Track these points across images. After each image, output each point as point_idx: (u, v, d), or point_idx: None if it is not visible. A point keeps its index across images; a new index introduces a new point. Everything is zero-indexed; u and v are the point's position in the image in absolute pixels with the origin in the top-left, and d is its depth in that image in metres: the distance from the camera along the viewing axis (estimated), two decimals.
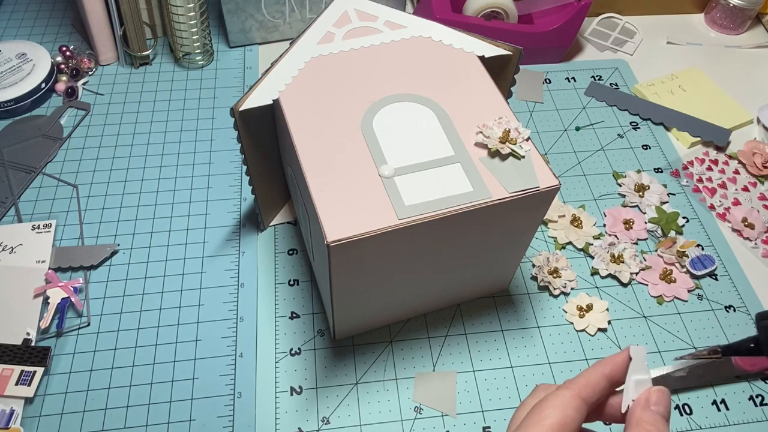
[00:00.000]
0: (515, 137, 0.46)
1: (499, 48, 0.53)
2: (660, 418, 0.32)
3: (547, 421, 0.32)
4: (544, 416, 0.32)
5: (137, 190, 0.66)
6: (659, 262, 0.62)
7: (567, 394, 0.33)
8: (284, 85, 0.49)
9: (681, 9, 0.89)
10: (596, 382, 0.34)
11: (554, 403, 0.33)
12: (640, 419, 0.32)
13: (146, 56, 0.78)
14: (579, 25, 0.77)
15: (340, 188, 0.44)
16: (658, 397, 0.33)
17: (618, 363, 0.34)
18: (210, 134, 0.72)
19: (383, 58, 0.52)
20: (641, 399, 0.33)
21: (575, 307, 0.59)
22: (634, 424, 0.32)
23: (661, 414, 0.32)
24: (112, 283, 0.59)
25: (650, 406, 0.32)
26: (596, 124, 0.75)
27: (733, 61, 0.83)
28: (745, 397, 0.54)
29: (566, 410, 0.32)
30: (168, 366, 0.54)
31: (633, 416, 0.32)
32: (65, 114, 0.73)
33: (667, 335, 0.58)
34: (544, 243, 0.63)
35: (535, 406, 0.33)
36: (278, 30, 0.81)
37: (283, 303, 0.58)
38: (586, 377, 0.34)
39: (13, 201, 0.65)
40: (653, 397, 0.33)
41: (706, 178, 0.70)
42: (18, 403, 0.51)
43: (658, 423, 0.32)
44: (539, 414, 0.32)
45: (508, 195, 0.44)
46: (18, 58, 0.74)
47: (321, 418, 0.52)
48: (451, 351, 0.56)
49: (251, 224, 0.64)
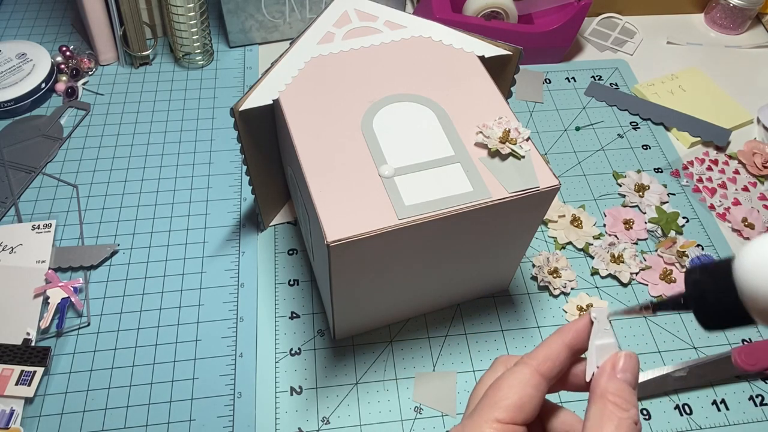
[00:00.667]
0: (515, 137, 0.46)
1: (499, 48, 0.53)
2: (626, 387, 0.29)
3: (503, 403, 0.30)
4: (501, 397, 0.30)
5: (137, 190, 0.66)
6: (659, 262, 0.62)
7: (525, 371, 0.31)
8: (284, 85, 0.49)
9: (681, 9, 0.89)
10: (556, 354, 0.31)
11: (511, 381, 0.31)
12: (604, 390, 0.29)
13: (146, 56, 0.78)
14: (579, 25, 0.77)
15: (340, 188, 0.44)
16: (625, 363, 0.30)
17: (579, 329, 0.32)
18: (210, 134, 0.72)
19: (383, 58, 0.52)
20: (606, 366, 0.30)
21: (575, 307, 0.59)
22: (598, 396, 0.29)
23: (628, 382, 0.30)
24: (112, 283, 0.59)
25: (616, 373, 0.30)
26: (596, 124, 0.75)
27: (733, 61, 0.83)
28: (745, 397, 0.54)
29: (525, 389, 0.30)
30: (168, 366, 0.54)
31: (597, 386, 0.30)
32: (65, 114, 0.73)
33: (667, 335, 0.58)
34: (544, 243, 0.63)
35: (492, 385, 0.31)
36: (278, 30, 0.81)
37: (283, 303, 0.58)
38: (546, 350, 0.31)
39: (13, 201, 0.65)
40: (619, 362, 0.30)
41: (706, 178, 0.70)
42: (18, 403, 0.51)
43: (624, 392, 0.29)
44: (496, 394, 0.30)
45: (508, 195, 0.44)
46: (18, 58, 0.74)
47: (321, 418, 0.52)
48: (451, 351, 0.56)
49: (251, 224, 0.64)
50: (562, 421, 0.33)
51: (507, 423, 0.30)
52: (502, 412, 0.30)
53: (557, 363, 0.31)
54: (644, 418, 0.53)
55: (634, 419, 0.29)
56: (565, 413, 0.34)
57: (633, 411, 0.29)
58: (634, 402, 0.29)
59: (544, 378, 0.31)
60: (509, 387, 0.30)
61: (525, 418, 0.30)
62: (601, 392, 0.29)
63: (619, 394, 0.29)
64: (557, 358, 0.31)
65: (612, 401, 0.29)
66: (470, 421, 0.31)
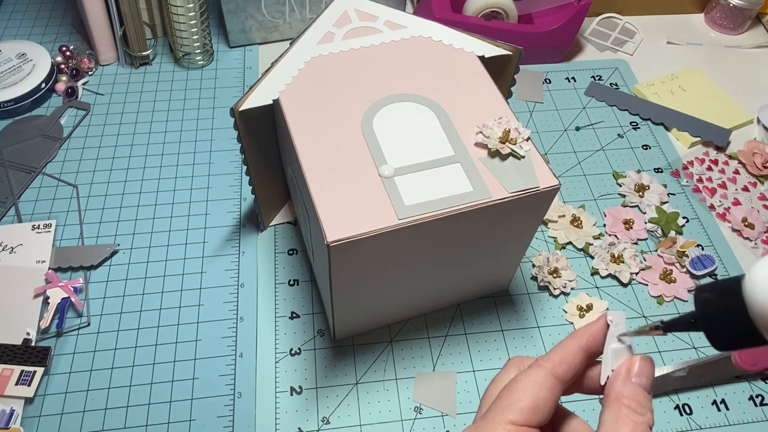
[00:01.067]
0: (515, 137, 0.46)
1: (499, 48, 0.53)
2: (641, 392, 0.29)
3: (518, 405, 0.29)
4: (516, 399, 0.30)
5: (137, 190, 0.66)
6: (659, 262, 0.62)
7: (540, 373, 0.30)
8: (284, 85, 0.49)
9: (681, 9, 0.89)
10: (572, 357, 0.31)
11: (526, 383, 0.30)
12: (619, 394, 0.29)
13: (146, 56, 0.78)
14: (579, 25, 0.77)
15: (340, 188, 0.44)
16: (640, 367, 0.30)
17: (594, 333, 0.31)
18: (210, 134, 0.72)
19: (383, 58, 0.52)
20: (621, 370, 0.30)
21: (575, 307, 0.59)
22: (613, 400, 0.29)
23: (642, 386, 0.29)
24: (112, 283, 0.59)
25: (631, 377, 0.29)
26: (596, 124, 0.75)
27: (733, 61, 0.83)
28: (745, 397, 0.54)
29: (539, 392, 0.30)
30: (168, 366, 0.54)
31: (612, 390, 0.29)
32: (65, 114, 0.73)
33: (668, 335, 0.58)
34: (544, 243, 0.63)
35: (506, 387, 0.31)
36: (278, 30, 0.81)
37: (283, 303, 0.58)
38: (561, 352, 0.31)
39: (13, 201, 0.65)
40: (635, 366, 0.30)
41: (706, 178, 0.70)
42: (18, 403, 0.51)
43: (639, 397, 0.29)
44: (510, 396, 0.30)
45: (508, 195, 0.44)
46: (18, 58, 0.74)
47: (321, 418, 0.52)
48: (451, 351, 0.56)
49: (251, 224, 0.64)
50: (573, 428, 0.33)
51: (521, 425, 0.29)
52: (516, 414, 0.29)
53: (572, 366, 0.31)
54: None
55: (649, 423, 0.28)
56: (577, 421, 0.33)
57: (648, 415, 0.29)
58: (650, 406, 0.29)
59: (559, 381, 0.31)
60: (523, 389, 0.30)
61: (539, 420, 0.30)
62: (616, 396, 0.29)
63: (634, 398, 0.29)
64: (572, 361, 0.31)
65: (627, 405, 0.29)
66: (483, 422, 0.30)
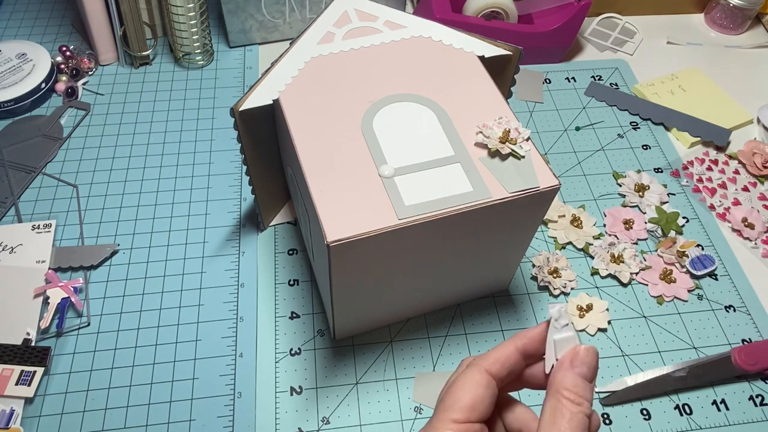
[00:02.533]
0: (515, 137, 0.46)
1: (499, 48, 0.53)
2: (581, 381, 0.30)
3: (458, 404, 0.31)
4: (456, 399, 0.31)
5: (137, 190, 0.66)
6: (659, 262, 0.62)
7: (475, 371, 0.32)
8: (284, 85, 0.49)
9: (681, 9, 0.89)
10: (506, 357, 0.32)
11: (463, 383, 0.32)
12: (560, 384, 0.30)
13: (146, 56, 0.78)
14: (579, 25, 0.77)
15: (340, 188, 0.44)
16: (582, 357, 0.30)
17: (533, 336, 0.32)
18: (210, 134, 0.72)
19: (383, 58, 0.52)
20: (564, 360, 0.30)
21: (575, 307, 0.59)
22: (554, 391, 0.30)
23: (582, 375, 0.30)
24: (112, 283, 0.59)
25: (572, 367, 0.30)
26: (596, 124, 0.75)
27: (733, 61, 0.83)
28: (745, 397, 0.54)
29: (477, 389, 0.31)
30: (168, 366, 0.54)
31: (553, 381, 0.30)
32: (65, 114, 0.73)
33: (667, 335, 0.58)
34: (544, 243, 0.63)
35: (447, 388, 0.33)
36: (278, 30, 0.81)
37: (283, 303, 0.58)
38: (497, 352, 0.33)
39: (13, 201, 0.65)
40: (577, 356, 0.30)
41: (706, 178, 0.70)
42: (18, 403, 0.51)
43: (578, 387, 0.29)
44: (451, 397, 0.32)
45: (508, 195, 0.44)
46: (18, 58, 0.74)
47: (321, 418, 0.52)
48: (451, 351, 0.56)
49: (251, 224, 0.64)
50: (516, 416, 0.34)
51: (463, 422, 0.31)
52: (456, 412, 0.31)
53: (506, 365, 0.32)
54: (644, 418, 0.53)
55: (586, 413, 0.29)
56: (521, 409, 0.35)
57: (586, 405, 0.29)
58: (588, 396, 0.30)
59: (495, 377, 0.32)
60: (461, 388, 0.32)
61: (479, 416, 0.31)
62: (556, 387, 0.30)
63: (572, 388, 0.29)
64: (506, 361, 0.32)
65: (566, 396, 0.29)
66: (430, 425, 0.32)
